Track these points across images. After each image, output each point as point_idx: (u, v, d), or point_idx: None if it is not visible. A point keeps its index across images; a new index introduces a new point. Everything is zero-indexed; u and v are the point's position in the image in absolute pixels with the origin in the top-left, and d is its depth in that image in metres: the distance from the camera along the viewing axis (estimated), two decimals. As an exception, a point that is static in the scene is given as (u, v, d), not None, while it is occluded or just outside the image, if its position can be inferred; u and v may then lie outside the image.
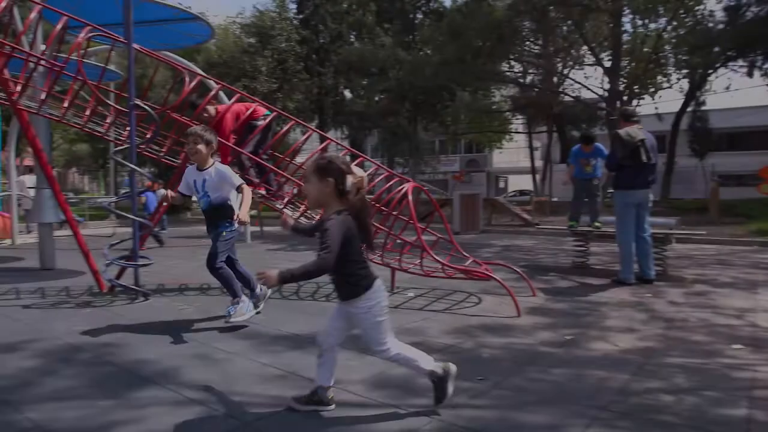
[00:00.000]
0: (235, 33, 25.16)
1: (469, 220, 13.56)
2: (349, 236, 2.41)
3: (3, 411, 2.50)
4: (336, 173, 2.43)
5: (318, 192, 2.47)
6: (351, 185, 2.46)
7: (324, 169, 2.44)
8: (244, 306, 4.07)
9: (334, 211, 2.44)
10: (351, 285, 2.50)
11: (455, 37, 18.90)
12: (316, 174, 2.45)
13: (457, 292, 5.48)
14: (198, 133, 4.08)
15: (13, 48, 4.81)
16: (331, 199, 2.46)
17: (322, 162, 2.47)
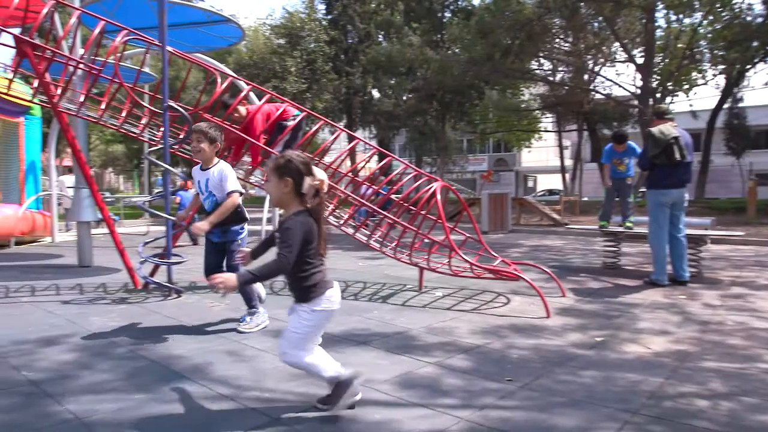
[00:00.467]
0: (265, 34, 25.49)
1: (498, 220, 13.45)
2: (309, 238, 2.39)
3: (45, 403, 2.60)
4: (294, 173, 2.39)
5: (277, 191, 2.44)
6: (308, 187, 2.42)
7: (282, 169, 2.40)
8: (259, 317, 4.03)
9: (294, 211, 2.41)
10: (305, 287, 2.45)
11: (483, 36, 18.76)
12: (275, 173, 2.42)
13: (485, 292, 5.45)
14: (202, 131, 3.93)
15: (54, 53, 4.98)
16: (290, 199, 2.43)
17: (281, 161, 2.43)
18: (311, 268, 2.44)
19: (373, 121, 27.33)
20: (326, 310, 2.47)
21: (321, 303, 2.45)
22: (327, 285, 2.50)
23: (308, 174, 2.43)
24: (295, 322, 2.46)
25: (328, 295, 2.48)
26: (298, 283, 2.46)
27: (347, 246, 9.59)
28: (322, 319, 2.48)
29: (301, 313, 2.45)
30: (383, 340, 3.71)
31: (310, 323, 2.44)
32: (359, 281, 6.04)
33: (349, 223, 5.68)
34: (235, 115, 5.43)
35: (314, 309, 2.44)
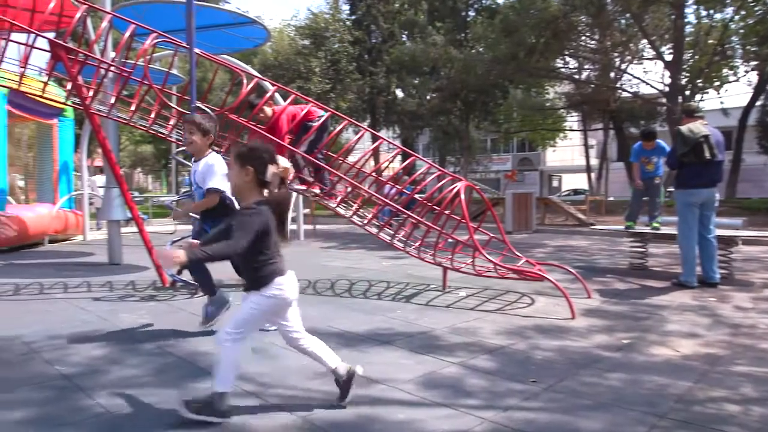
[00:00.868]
0: (290, 35, 25.70)
1: (522, 220, 13.34)
2: (265, 229, 2.37)
3: (77, 397, 2.67)
4: (256, 162, 2.37)
5: (238, 180, 2.42)
6: (272, 176, 2.39)
7: (244, 157, 2.39)
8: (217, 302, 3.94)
9: (254, 201, 2.40)
10: (256, 277, 2.44)
11: (508, 34, 18.60)
12: (237, 161, 2.40)
13: (509, 292, 5.41)
14: (194, 122, 3.76)
15: (86, 56, 5.11)
16: (251, 188, 2.41)
17: (243, 150, 2.43)
18: (265, 259, 2.42)
19: (397, 121, 27.33)
20: (276, 297, 2.44)
21: (270, 290, 2.43)
22: (278, 273, 2.46)
23: (271, 162, 2.40)
24: (243, 306, 2.46)
25: (278, 283, 2.45)
26: (250, 273, 2.45)
27: (371, 245, 9.61)
28: (271, 306, 2.46)
29: (251, 298, 2.45)
30: (407, 339, 3.72)
31: (257, 308, 2.43)
32: (383, 280, 6.06)
33: (373, 222, 5.69)
34: (261, 115, 5.50)
35: (263, 295, 2.42)
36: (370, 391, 2.75)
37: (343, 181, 5.72)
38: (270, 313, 2.50)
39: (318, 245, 10.34)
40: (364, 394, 2.70)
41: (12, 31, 4.84)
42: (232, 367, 2.43)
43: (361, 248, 9.59)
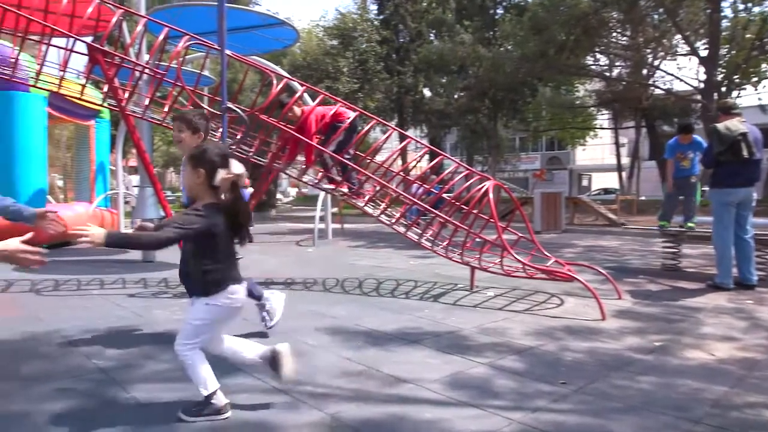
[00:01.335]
0: (318, 36, 25.89)
1: (551, 220, 13.18)
2: (211, 232, 2.33)
3: (113, 390, 2.75)
4: (207, 164, 2.34)
5: (190, 181, 2.40)
6: (221, 180, 2.34)
7: (196, 159, 2.37)
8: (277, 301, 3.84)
9: (204, 203, 2.37)
10: (204, 282, 2.40)
11: (537, 32, 18.36)
12: (190, 162, 2.39)
13: (538, 292, 5.36)
14: (184, 119, 3.51)
15: (122, 59, 5.25)
16: (203, 191, 2.38)
17: (196, 151, 2.41)
18: (211, 263, 2.38)
19: (424, 120, 27.29)
20: (226, 306, 2.42)
21: (219, 299, 2.40)
22: (229, 281, 2.43)
23: (223, 166, 2.35)
24: (191, 314, 2.43)
25: (231, 291, 2.42)
26: (197, 277, 2.41)
27: (398, 244, 9.63)
28: (221, 314, 2.44)
29: (198, 305, 2.41)
30: (434, 339, 3.72)
31: (208, 317, 2.41)
32: (410, 280, 6.07)
33: (401, 221, 5.71)
34: (290, 114, 5.56)
35: (209, 303, 2.39)
36: (397, 390, 2.76)
37: (371, 181, 5.75)
38: (220, 321, 2.47)
39: (346, 244, 10.41)
40: (391, 392, 2.72)
41: (53, 36, 5.00)
42: (202, 370, 2.42)
43: (389, 247, 9.62)
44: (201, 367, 2.42)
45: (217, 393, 2.42)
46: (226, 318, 2.50)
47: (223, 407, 2.42)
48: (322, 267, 7.22)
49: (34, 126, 8.60)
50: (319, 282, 5.99)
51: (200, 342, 2.44)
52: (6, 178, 8.37)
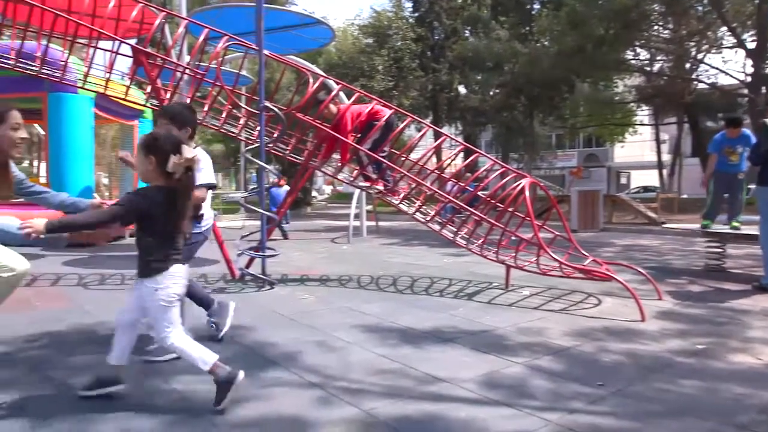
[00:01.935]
0: (353, 34, 25.98)
1: (588, 218, 12.94)
2: (152, 212, 2.39)
3: (155, 380, 2.85)
4: (159, 151, 2.39)
5: (142, 167, 2.46)
6: (174, 166, 2.38)
7: (148, 147, 2.42)
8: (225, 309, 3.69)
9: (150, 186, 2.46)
10: (144, 262, 2.48)
11: (575, 26, 18.01)
12: (141, 150, 2.44)
13: (575, 292, 5.28)
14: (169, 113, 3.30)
15: (164, 60, 5.41)
16: (155, 177, 2.43)
17: (148, 139, 2.46)
18: (154, 245, 2.47)
19: (459, 118, 27.11)
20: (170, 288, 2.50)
21: (163, 280, 2.48)
22: (171, 262, 2.51)
23: (174, 152, 2.39)
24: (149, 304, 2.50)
25: (172, 272, 2.51)
26: (141, 258, 2.51)
27: (432, 242, 9.61)
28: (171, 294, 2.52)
29: (146, 295, 2.49)
30: (469, 337, 3.71)
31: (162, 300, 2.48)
32: (445, 278, 6.06)
33: (436, 219, 5.70)
34: (325, 113, 5.62)
35: (157, 288, 2.47)
36: (432, 388, 2.77)
37: (406, 178, 5.77)
38: (176, 299, 2.56)
39: (380, 241, 10.45)
40: (426, 390, 2.73)
41: (99, 39, 5.18)
42: (194, 348, 2.50)
43: (423, 245, 9.61)
44: (191, 347, 2.51)
45: (218, 367, 2.49)
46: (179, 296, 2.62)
47: (230, 373, 2.48)
48: (356, 264, 7.27)
49: (82, 126, 8.93)
50: (353, 279, 6.04)
51: (173, 325, 2.50)
52: (56, 175, 8.75)
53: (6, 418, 2.37)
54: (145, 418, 2.37)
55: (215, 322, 3.64)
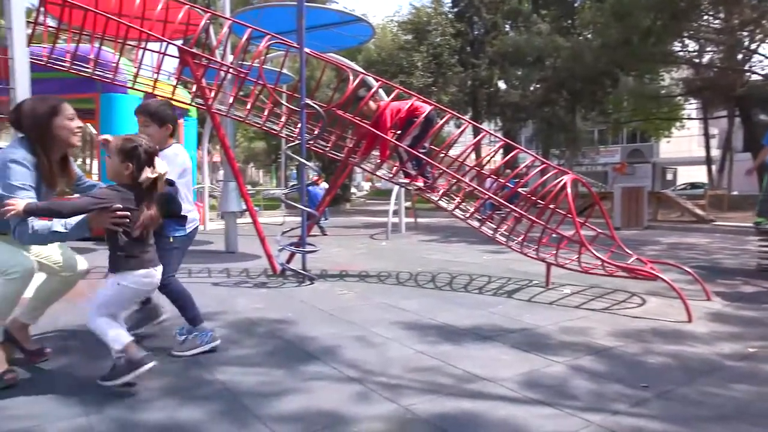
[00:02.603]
0: (393, 31, 26.01)
1: (632, 215, 12.61)
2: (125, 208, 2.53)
3: (199, 372, 2.93)
4: (137, 160, 2.52)
5: (117, 172, 2.57)
6: (145, 179, 2.53)
7: (127, 154, 2.52)
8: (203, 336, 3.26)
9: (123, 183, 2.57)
10: (114, 258, 2.62)
11: (620, 18, 17.53)
12: (119, 155, 2.53)
13: (618, 291, 5.16)
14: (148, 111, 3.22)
15: (209, 60, 5.55)
16: (124, 179, 2.57)
17: (127, 146, 2.53)
18: (121, 242, 2.58)
19: (499, 113, 26.82)
20: (133, 288, 2.64)
21: (128, 279, 2.61)
22: (143, 264, 2.64)
23: (149, 165, 2.55)
24: (103, 289, 2.65)
25: (141, 274, 2.64)
26: (110, 253, 2.64)
27: (471, 239, 9.56)
28: (127, 294, 2.67)
29: (109, 282, 2.64)
30: (509, 335, 3.69)
31: (113, 294, 2.63)
32: (484, 275, 6.02)
33: (475, 216, 5.67)
34: (365, 109, 5.66)
35: (119, 283, 2.61)
36: (471, 385, 2.76)
37: (445, 175, 5.75)
38: (129, 300, 2.74)
39: (419, 238, 10.44)
40: (465, 388, 2.73)
41: (148, 41, 5.36)
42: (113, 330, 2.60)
43: (462, 242, 9.56)
44: (110, 329, 2.60)
45: (130, 348, 2.57)
46: (134, 299, 2.80)
47: (141, 358, 2.57)
48: (395, 260, 7.30)
49: (132, 126, 9.24)
50: (392, 275, 6.07)
51: (107, 314, 2.64)
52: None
53: (62, 403, 2.49)
54: (190, 408, 2.45)
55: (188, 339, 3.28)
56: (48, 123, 2.67)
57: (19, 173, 2.54)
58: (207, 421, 2.32)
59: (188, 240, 3.38)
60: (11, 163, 2.54)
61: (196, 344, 3.20)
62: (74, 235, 2.59)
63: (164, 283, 3.06)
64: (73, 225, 2.55)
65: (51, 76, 6.32)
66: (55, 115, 2.69)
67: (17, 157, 2.57)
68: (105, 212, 2.52)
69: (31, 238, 2.53)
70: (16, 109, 2.78)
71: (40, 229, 2.52)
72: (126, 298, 2.70)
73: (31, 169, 2.60)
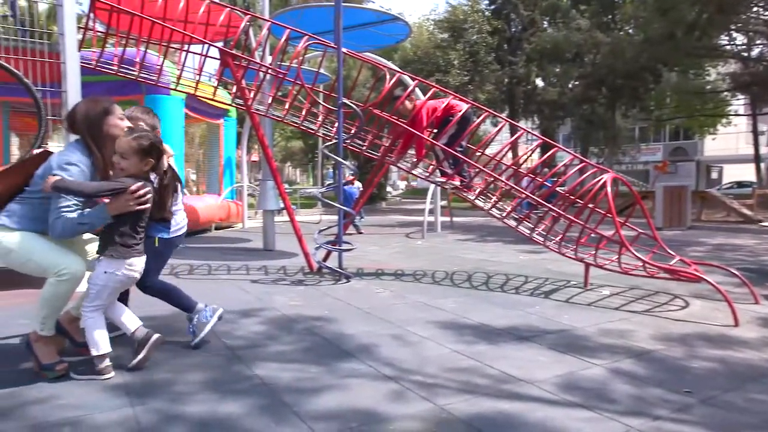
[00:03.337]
0: (429, 29, 25.92)
1: (674, 215, 12.25)
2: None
3: (239, 367, 3.00)
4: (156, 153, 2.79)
5: (136, 170, 2.74)
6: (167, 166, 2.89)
7: (145, 152, 2.74)
8: (203, 315, 3.40)
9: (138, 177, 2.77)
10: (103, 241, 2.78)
11: (663, 12, 17.04)
12: (137, 155, 2.72)
13: (659, 293, 5.03)
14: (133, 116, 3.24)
15: (249, 61, 5.67)
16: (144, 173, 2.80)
17: (145, 144, 2.73)
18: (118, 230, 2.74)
19: (536, 111, 26.41)
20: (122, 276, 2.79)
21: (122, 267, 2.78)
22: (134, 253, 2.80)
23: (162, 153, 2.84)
24: (92, 277, 2.79)
25: (130, 263, 2.80)
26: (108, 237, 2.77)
27: (507, 238, 9.47)
28: (120, 282, 2.82)
29: (99, 270, 2.77)
30: (546, 336, 3.65)
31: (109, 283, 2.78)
32: (520, 275, 5.96)
33: (512, 215, 5.62)
34: (401, 108, 5.67)
35: (113, 272, 2.76)
36: (507, 386, 2.75)
37: (482, 174, 5.71)
38: (119, 287, 2.86)
39: (454, 237, 10.40)
40: (502, 388, 2.71)
41: (191, 44, 5.51)
42: (100, 333, 2.77)
43: (498, 241, 9.48)
44: (99, 330, 2.77)
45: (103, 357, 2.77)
46: (123, 287, 2.92)
47: (104, 368, 2.77)
48: (431, 259, 7.29)
49: (175, 126, 9.50)
50: (428, 274, 6.07)
51: (101, 305, 2.79)
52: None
53: (109, 394, 2.60)
54: (229, 402, 2.51)
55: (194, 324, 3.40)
56: (101, 123, 2.86)
57: (74, 174, 2.72)
58: (245, 416, 2.37)
59: (171, 244, 3.35)
60: (67, 165, 2.72)
61: (203, 325, 3.39)
62: (98, 223, 2.75)
63: (146, 284, 3.22)
64: (93, 213, 2.73)
65: (98, 79, 6.58)
66: (107, 115, 2.88)
67: (73, 159, 2.75)
68: (122, 196, 2.70)
69: (62, 232, 2.72)
70: (71, 113, 2.96)
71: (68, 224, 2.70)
72: (117, 286, 2.85)
73: (85, 170, 2.78)
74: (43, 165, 2.80)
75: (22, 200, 2.79)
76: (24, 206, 2.77)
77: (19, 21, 4.85)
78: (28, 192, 2.80)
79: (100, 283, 2.77)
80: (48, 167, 2.74)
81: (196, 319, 3.39)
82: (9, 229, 2.72)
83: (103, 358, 2.78)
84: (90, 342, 2.77)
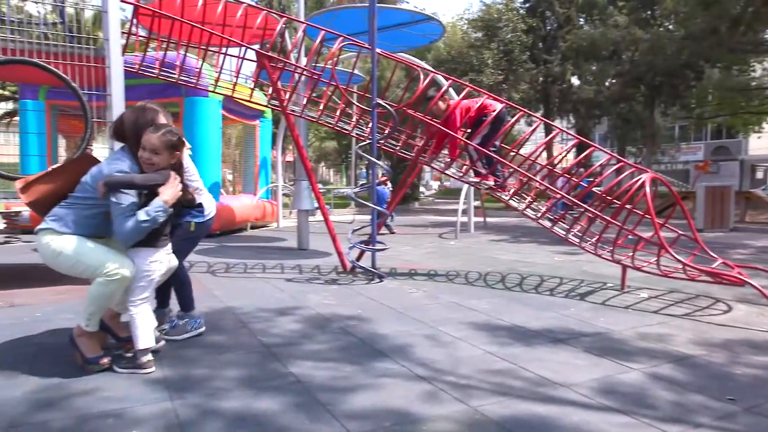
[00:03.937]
0: (462, 29, 25.74)
1: (717, 217, 11.87)
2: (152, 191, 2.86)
3: (274, 364, 3.05)
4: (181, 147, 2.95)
5: (166, 163, 2.88)
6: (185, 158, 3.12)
7: (174, 147, 2.88)
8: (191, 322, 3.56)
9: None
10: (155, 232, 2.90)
11: (706, 7, 16.52)
12: (167, 150, 2.86)
13: (700, 296, 4.90)
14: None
15: (285, 63, 5.75)
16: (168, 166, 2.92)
17: (174, 139, 2.87)
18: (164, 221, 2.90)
19: (572, 110, 25.95)
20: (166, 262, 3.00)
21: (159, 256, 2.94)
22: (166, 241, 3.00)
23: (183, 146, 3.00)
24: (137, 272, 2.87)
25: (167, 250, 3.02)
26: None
27: (542, 239, 9.35)
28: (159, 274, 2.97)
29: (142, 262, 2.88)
30: (581, 339, 3.59)
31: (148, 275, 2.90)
32: (555, 276, 5.88)
33: (546, 216, 5.55)
34: (435, 109, 5.67)
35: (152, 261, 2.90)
36: (542, 389, 2.72)
37: (516, 174, 5.66)
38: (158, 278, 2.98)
39: (488, 238, 10.32)
40: (536, 391, 2.69)
41: (229, 47, 5.62)
42: (145, 327, 2.88)
43: (532, 242, 9.36)
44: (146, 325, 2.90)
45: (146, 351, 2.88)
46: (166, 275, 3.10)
47: (146, 362, 2.88)
48: (464, 260, 7.26)
49: (212, 127, 9.73)
50: (461, 274, 6.05)
51: (146, 299, 2.92)
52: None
53: (149, 388, 2.68)
54: (264, 400, 2.55)
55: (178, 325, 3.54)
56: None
57: None
58: (280, 413, 2.41)
59: (205, 228, 3.61)
60: (119, 173, 2.83)
61: (186, 329, 3.53)
62: (160, 217, 2.82)
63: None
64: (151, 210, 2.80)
65: (140, 82, 6.77)
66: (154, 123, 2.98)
67: (125, 167, 2.85)
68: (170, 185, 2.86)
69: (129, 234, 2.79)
70: (118, 121, 3.07)
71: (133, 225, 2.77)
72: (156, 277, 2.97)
73: None
74: (91, 172, 2.88)
75: (69, 205, 2.88)
76: (71, 211, 2.86)
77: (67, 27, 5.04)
78: (74, 197, 2.89)
79: (147, 276, 2.89)
80: (99, 174, 2.83)
81: (183, 322, 3.56)
82: (57, 233, 2.81)
83: (145, 351, 2.88)
84: (134, 336, 2.86)
